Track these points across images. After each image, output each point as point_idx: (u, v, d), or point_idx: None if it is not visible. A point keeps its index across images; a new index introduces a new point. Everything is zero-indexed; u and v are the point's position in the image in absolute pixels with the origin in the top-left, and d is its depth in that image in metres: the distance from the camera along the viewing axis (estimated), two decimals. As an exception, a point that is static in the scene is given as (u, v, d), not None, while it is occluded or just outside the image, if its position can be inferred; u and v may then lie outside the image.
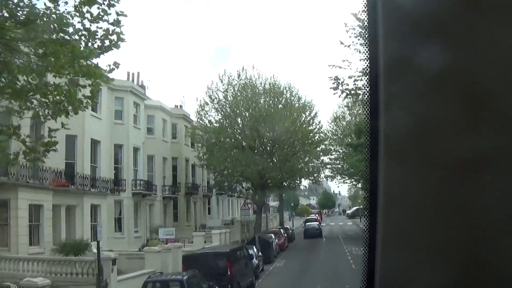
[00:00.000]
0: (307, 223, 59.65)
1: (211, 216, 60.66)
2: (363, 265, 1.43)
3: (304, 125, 42.53)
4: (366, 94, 1.38)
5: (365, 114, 1.41)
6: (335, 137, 59.35)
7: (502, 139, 1.17)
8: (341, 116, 60.42)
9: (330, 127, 59.05)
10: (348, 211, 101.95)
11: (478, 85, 1.20)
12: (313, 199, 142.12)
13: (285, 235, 42.56)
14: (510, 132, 1.17)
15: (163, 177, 45.36)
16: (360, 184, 61.50)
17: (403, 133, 1.28)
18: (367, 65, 1.38)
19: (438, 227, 1.23)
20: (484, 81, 1.20)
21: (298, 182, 48.92)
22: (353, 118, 58.06)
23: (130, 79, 48.61)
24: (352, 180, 59.77)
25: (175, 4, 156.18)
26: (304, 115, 42.86)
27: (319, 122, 43.87)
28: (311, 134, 42.61)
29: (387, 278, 1.32)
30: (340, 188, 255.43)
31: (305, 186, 70.69)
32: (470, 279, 1.20)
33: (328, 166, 58.51)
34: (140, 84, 48.87)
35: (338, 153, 59.79)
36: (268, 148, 41.88)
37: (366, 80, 1.38)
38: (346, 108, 59.39)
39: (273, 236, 36.26)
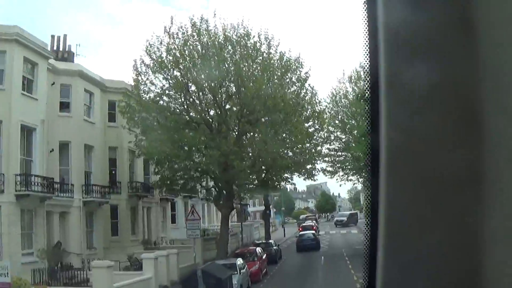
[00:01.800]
0: (300, 232, 46.26)
1: (177, 225, 46.88)
2: (364, 273, 1.47)
3: (289, 92, 28.53)
4: (367, 106, 1.43)
5: (366, 127, 1.46)
6: (336, 122, 45.56)
7: (494, 153, 1.21)
8: (342, 94, 46.56)
9: (328, 108, 45.07)
10: (338, 217, 78.81)
11: (470, 101, 1.23)
12: (312, 202, 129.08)
13: (264, 256, 28.61)
14: (502, 146, 1.20)
15: (88, 173, 31.55)
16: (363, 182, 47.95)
17: (403, 148, 1.32)
18: (368, 76, 1.43)
19: (438, 240, 1.26)
20: (476, 96, 1.23)
21: (286, 177, 34.66)
22: (358, 95, 44.36)
23: (55, 44, 35.63)
24: (358, 176, 45.77)
25: (170, 11, 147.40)
26: (288, 78, 28.67)
27: (312, 88, 29.76)
28: (298, 103, 28.37)
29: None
30: (340, 189, 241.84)
31: (293, 183, 55.89)
32: None
33: (327, 159, 44.74)
34: (66, 49, 35.54)
35: (340, 142, 46.03)
36: (236, 127, 27.95)
37: (367, 95, 1.43)
38: (348, 83, 46.05)
39: (238, 263, 22.41)
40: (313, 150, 31.33)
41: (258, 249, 28.60)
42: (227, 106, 28.13)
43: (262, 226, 56.83)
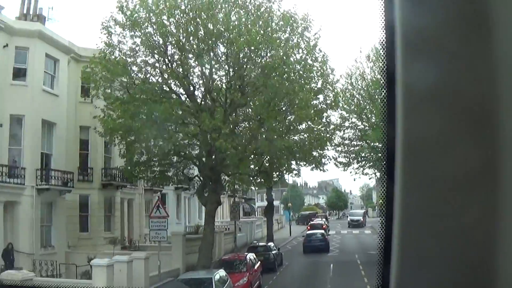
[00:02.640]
0: (308, 232, 40.67)
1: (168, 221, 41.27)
2: (378, 271, 1.44)
3: (294, 60, 22.59)
4: (384, 99, 1.41)
5: (382, 124, 1.41)
6: (351, 106, 39.47)
7: (509, 152, 1.19)
8: (358, 75, 40.38)
9: (343, 91, 38.88)
10: (352, 216, 66.96)
11: (486, 99, 1.21)
12: (323, 198, 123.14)
13: (258, 264, 22.83)
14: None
15: (47, 156, 26.01)
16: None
17: (419, 147, 1.29)
18: (384, 73, 1.40)
19: (453, 239, 1.24)
20: (491, 95, 1.21)
21: (292, 168, 28.74)
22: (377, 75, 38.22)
23: (25, 6, 30.49)
24: (375, 170, 39.66)
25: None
26: (293, 40, 22.64)
27: (324, 55, 23.69)
28: (306, 71, 22.37)
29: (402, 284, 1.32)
30: (352, 186, 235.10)
31: (299, 174, 48.28)
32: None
33: (339, 149, 38.77)
34: (36, 13, 30.14)
35: (355, 129, 39.96)
36: (228, 100, 22.09)
37: (383, 89, 1.40)
38: (365, 63, 39.86)
39: (217, 278, 16.73)
40: (323, 134, 25.27)
41: (250, 256, 22.65)
42: (214, 75, 22.41)
43: (266, 223, 51.02)
